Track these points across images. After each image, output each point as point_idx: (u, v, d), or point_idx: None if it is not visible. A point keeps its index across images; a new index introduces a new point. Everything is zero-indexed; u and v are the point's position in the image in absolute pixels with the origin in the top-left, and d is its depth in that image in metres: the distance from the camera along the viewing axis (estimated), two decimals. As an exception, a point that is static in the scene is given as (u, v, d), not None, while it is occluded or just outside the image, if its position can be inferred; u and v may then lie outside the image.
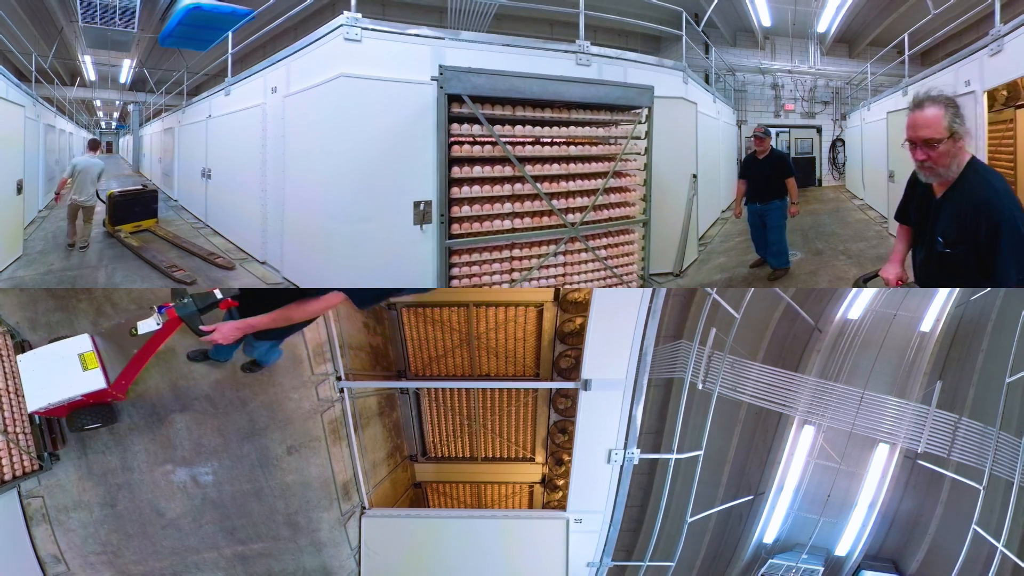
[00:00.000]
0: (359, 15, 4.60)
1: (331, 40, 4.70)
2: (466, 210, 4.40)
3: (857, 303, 5.46)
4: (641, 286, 5.23)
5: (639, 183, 5.17)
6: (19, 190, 6.74)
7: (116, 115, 24.44)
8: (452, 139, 4.34)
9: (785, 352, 5.47)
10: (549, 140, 4.49)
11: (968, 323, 5.22)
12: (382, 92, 4.68)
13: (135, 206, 7.97)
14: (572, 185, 4.65)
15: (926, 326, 5.30)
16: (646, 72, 6.49)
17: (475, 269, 4.43)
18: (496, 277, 4.52)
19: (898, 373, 5.24)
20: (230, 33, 7.75)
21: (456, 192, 4.37)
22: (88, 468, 3.87)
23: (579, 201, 4.68)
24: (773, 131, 13.08)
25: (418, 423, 6.01)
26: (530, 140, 4.49)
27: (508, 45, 5.36)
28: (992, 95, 6.62)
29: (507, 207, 4.42)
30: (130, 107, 18.50)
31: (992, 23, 5.53)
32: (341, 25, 4.56)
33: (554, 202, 4.51)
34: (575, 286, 4.93)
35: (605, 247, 4.93)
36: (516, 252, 4.53)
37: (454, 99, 4.25)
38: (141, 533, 3.93)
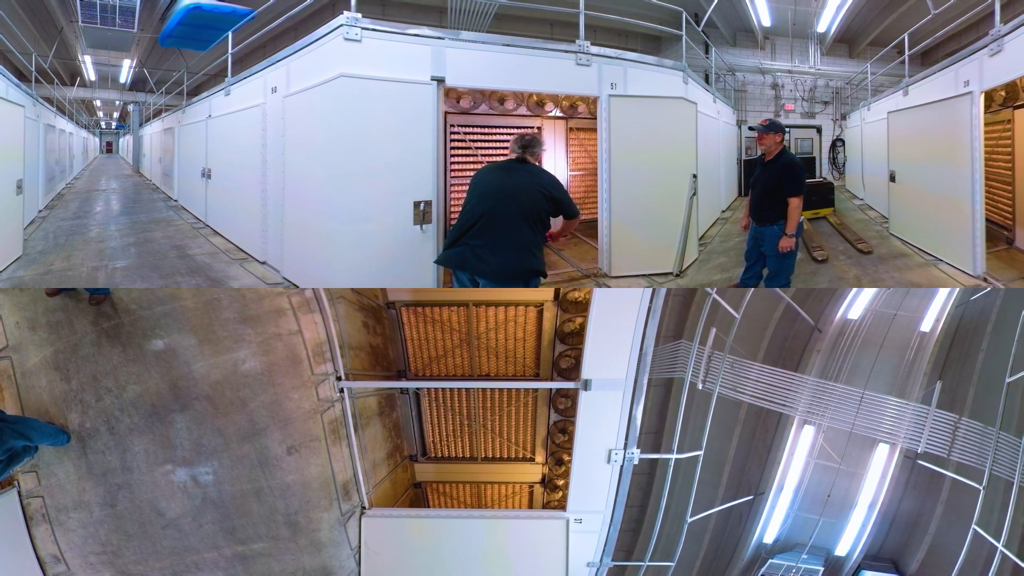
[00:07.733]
0: (359, 15, 4.60)
1: (331, 40, 4.70)
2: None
3: (857, 303, 5.46)
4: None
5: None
6: (19, 190, 6.74)
7: (116, 115, 24.47)
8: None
9: (785, 352, 5.48)
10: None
11: (968, 323, 5.22)
12: (382, 92, 4.69)
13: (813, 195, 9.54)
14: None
15: (926, 326, 5.30)
16: (646, 72, 6.51)
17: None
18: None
19: (898, 373, 5.24)
20: (230, 33, 7.76)
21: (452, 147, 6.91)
22: (88, 468, 3.87)
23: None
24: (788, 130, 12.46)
25: (418, 423, 6.01)
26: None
27: (508, 45, 5.37)
28: (989, 95, 6.61)
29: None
30: (130, 107, 18.52)
31: (992, 23, 5.52)
32: (341, 25, 4.57)
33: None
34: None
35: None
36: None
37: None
38: (141, 533, 3.93)
